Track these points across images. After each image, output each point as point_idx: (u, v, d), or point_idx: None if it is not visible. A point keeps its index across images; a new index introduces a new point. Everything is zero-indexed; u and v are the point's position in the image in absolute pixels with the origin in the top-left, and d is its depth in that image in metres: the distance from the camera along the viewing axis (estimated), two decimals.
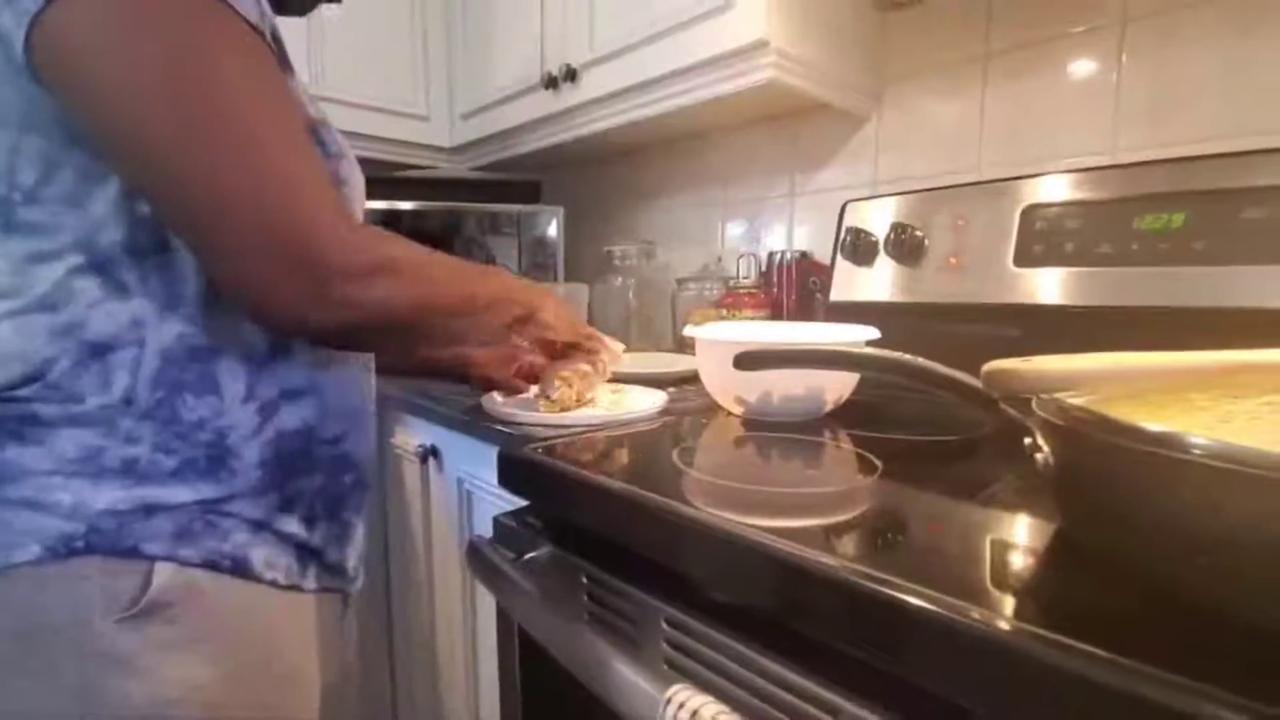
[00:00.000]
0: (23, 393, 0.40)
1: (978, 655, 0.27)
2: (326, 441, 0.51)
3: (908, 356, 0.38)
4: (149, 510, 0.41)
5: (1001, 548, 0.37)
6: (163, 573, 0.41)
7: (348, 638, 0.61)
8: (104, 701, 0.40)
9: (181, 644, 0.42)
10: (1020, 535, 0.39)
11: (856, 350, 0.40)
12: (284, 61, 0.46)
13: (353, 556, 0.55)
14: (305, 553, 0.49)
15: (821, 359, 0.44)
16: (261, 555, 0.46)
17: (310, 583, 0.50)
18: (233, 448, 0.45)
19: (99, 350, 0.41)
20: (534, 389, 0.76)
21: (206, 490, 0.43)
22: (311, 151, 0.43)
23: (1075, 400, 0.33)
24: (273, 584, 0.46)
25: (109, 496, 0.41)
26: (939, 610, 0.28)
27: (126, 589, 0.40)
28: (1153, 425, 0.28)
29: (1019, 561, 0.35)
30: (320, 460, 0.50)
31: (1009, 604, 0.30)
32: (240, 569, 0.44)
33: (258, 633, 0.46)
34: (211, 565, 0.43)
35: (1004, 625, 0.27)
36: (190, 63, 0.37)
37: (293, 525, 0.48)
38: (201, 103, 0.38)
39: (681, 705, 0.32)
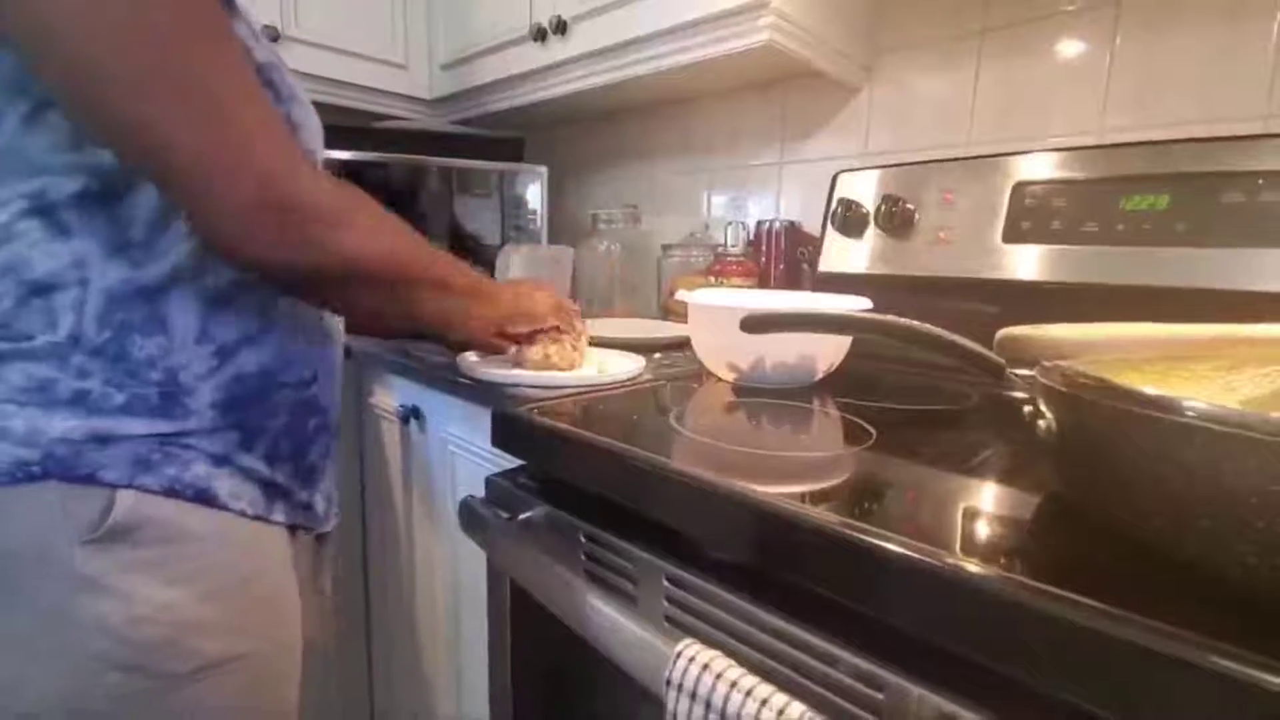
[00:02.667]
0: None
1: (974, 606, 0.28)
2: (290, 385, 0.51)
3: (918, 323, 0.38)
4: (103, 440, 0.42)
5: (999, 510, 0.38)
6: (124, 499, 0.41)
7: (328, 595, 0.61)
8: (75, 622, 0.40)
9: (151, 566, 0.42)
10: (1017, 499, 0.40)
11: (866, 315, 0.40)
12: (230, 3, 0.45)
13: (320, 497, 0.55)
14: (271, 488, 0.50)
15: (829, 323, 0.44)
16: (226, 486, 0.46)
17: (279, 516, 0.51)
18: (186, 386, 0.45)
19: (40, 289, 0.41)
20: (513, 348, 0.75)
21: (161, 425, 0.44)
22: (264, 99, 0.44)
23: (1079, 367, 0.34)
24: (240, 514, 0.47)
25: (62, 425, 0.41)
26: (938, 564, 0.29)
27: (88, 514, 0.40)
28: (1154, 390, 0.29)
29: (1017, 523, 0.37)
30: (283, 403, 0.50)
31: (1006, 560, 0.31)
32: (204, 497, 0.45)
33: (230, 557, 0.46)
34: (173, 493, 0.43)
35: (1000, 577, 0.28)
36: (148, 24, 0.37)
37: (254, 462, 0.49)
38: (157, 55, 0.38)
39: (692, 659, 0.32)
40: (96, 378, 0.42)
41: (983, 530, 0.35)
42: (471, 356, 0.76)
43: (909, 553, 0.30)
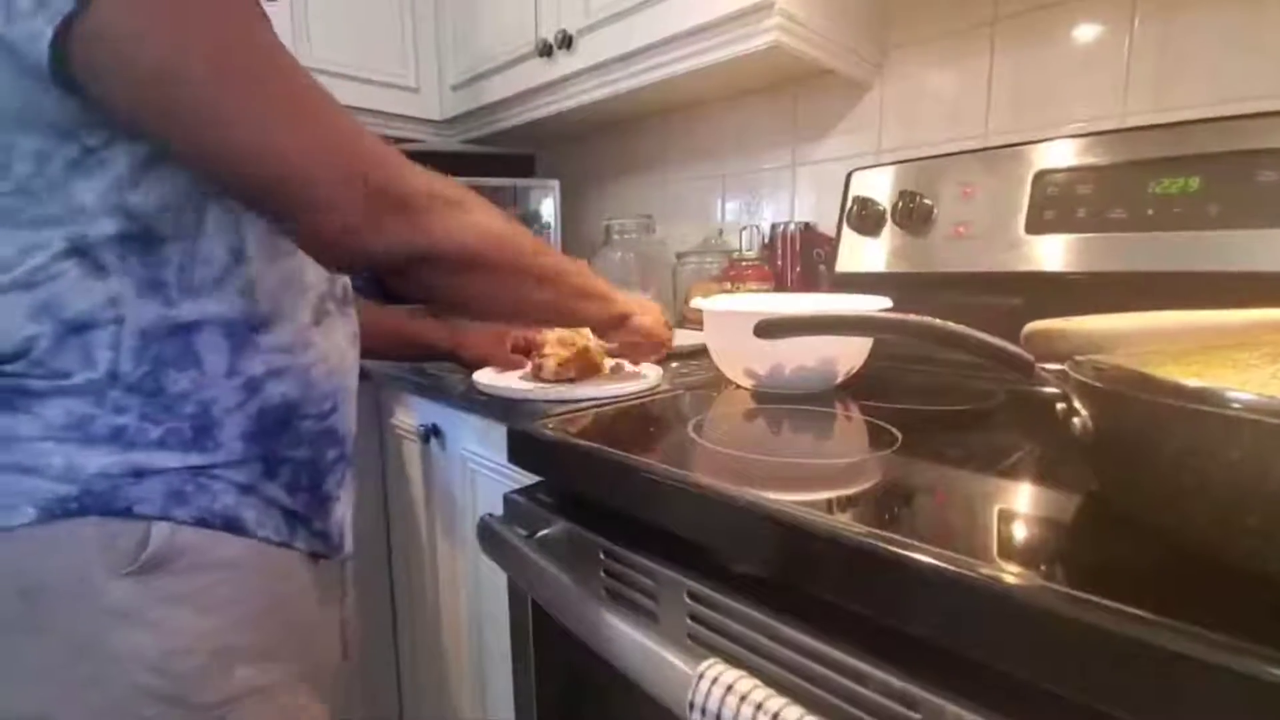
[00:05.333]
0: (9, 369, 0.41)
1: (1012, 619, 0.27)
2: (312, 416, 0.52)
3: (937, 321, 0.37)
4: (139, 473, 0.42)
5: (1034, 514, 0.37)
6: (159, 531, 0.42)
7: (351, 623, 0.61)
8: (114, 653, 0.40)
9: (185, 596, 0.43)
10: (1052, 501, 0.38)
11: (884, 315, 0.39)
12: None
13: (335, 526, 0.56)
14: (291, 517, 0.50)
15: (847, 324, 0.42)
16: (252, 515, 0.47)
17: (300, 543, 0.51)
18: (216, 419, 0.46)
19: (77, 328, 0.42)
20: (529, 363, 0.75)
21: (193, 458, 0.44)
22: (342, 106, 0.45)
23: (1113, 360, 0.32)
24: (266, 540, 0.48)
25: (100, 461, 0.41)
26: (970, 574, 0.28)
27: (125, 547, 0.41)
28: (1194, 382, 0.27)
29: (1053, 527, 0.35)
30: (305, 434, 0.51)
31: (1045, 568, 0.29)
32: (233, 526, 0.45)
33: (259, 583, 0.47)
34: (204, 523, 0.44)
35: (1039, 588, 0.27)
36: (237, 43, 0.39)
37: (276, 491, 0.49)
38: (260, 79, 0.39)
39: (715, 681, 0.31)
40: (133, 413, 0.43)
41: (1018, 536, 0.34)
42: (488, 373, 0.76)
43: (937, 563, 0.29)
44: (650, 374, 0.72)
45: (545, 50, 1.08)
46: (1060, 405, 0.35)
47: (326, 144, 0.41)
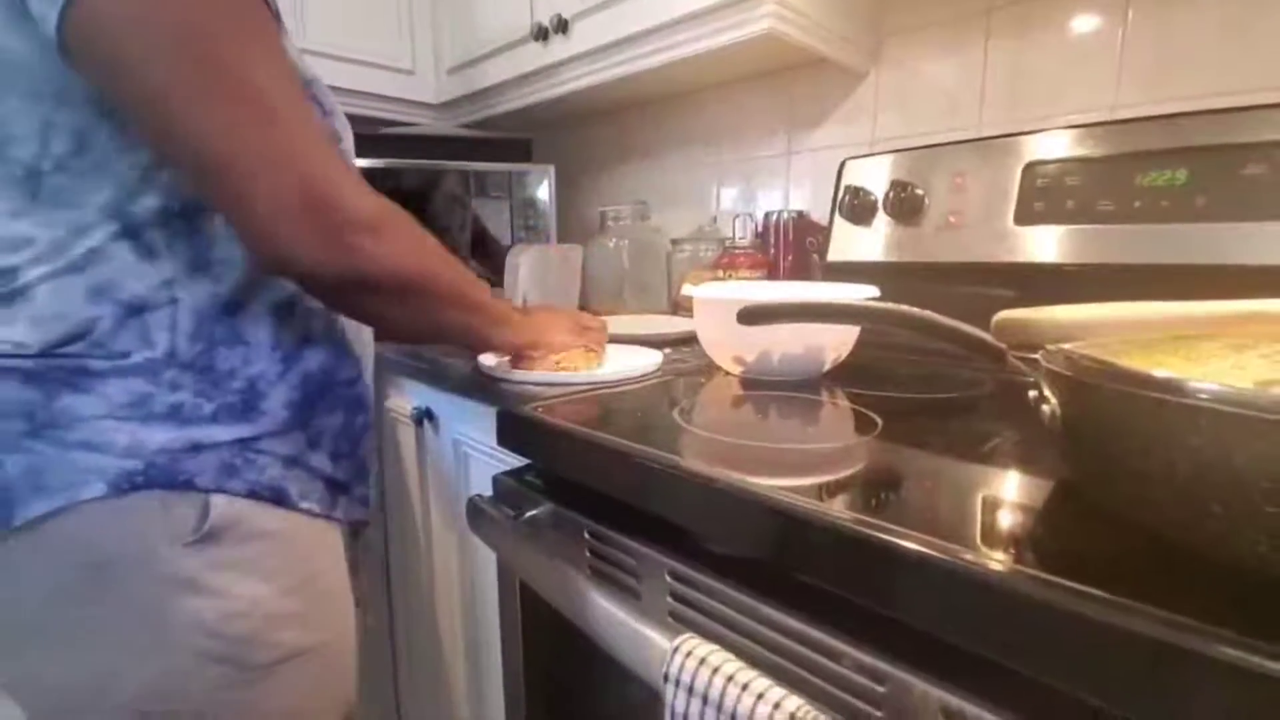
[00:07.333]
0: (71, 349, 0.43)
1: (980, 600, 0.27)
2: (344, 383, 0.54)
3: (914, 309, 0.37)
4: (196, 448, 0.44)
5: (1005, 500, 0.38)
6: (218, 502, 0.44)
7: (364, 587, 0.63)
8: (175, 619, 0.43)
9: (239, 564, 0.45)
10: (1025, 488, 0.39)
11: (863, 303, 0.39)
12: (278, 19, 0.47)
13: (371, 490, 0.59)
14: (333, 485, 0.53)
15: (827, 312, 0.43)
16: (296, 487, 0.49)
17: (339, 512, 0.53)
18: (262, 392, 0.48)
19: (135, 309, 0.44)
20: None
21: (242, 430, 0.46)
22: (313, 114, 0.46)
23: (1083, 350, 0.33)
24: (308, 513, 0.50)
25: (161, 437, 0.43)
26: (940, 556, 0.28)
27: (187, 518, 0.43)
28: (1161, 372, 0.28)
29: (1024, 513, 0.36)
30: (340, 400, 0.53)
31: (1013, 552, 0.30)
32: (279, 498, 0.48)
33: (301, 553, 0.49)
34: (254, 495, 0.46)
35: (1007, 570, 0.27)
36: (205, 34, 0.39)
37: (320, 460, 0.51)
38: (217, 72, 0.40)
39: (689, 654, 0.32)
40: (187, 390, 0.45)
41: (989, 521, 0.34)
42: (490, 357, 0.77)
43: (909, 544, 0.30)
44: (643, 360, 0.73)
45: (541, 34, 1.07)
46: (1032, 393, 0.36)
47: (277, 156, 0.41)
